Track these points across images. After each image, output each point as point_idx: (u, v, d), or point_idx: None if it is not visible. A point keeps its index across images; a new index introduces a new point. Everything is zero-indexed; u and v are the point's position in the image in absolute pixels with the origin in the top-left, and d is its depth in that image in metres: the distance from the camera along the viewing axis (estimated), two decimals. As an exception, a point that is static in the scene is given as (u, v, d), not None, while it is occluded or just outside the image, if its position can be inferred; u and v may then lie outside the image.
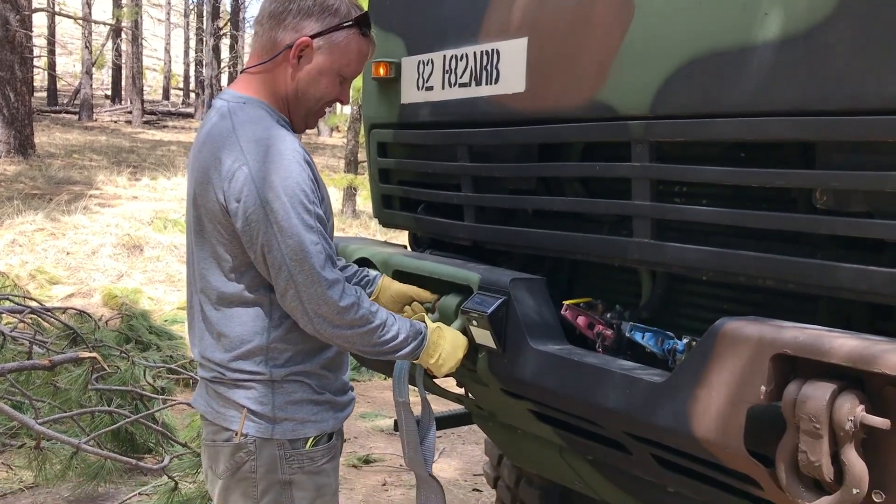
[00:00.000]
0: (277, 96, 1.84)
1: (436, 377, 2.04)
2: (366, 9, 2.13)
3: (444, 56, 2.23)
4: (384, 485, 4.40)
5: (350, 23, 1.82)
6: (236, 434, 1.81)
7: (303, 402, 1.83)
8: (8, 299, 4.68)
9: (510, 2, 2.03)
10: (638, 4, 1.73)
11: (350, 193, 13.31)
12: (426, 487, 2.14)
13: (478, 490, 4.34)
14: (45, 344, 4.23)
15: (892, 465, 1.28)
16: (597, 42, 1.81)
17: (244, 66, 1.89)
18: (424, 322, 1.95)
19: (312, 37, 1.79)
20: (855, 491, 1.28)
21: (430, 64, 2.28)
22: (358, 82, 2.46)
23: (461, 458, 4.89)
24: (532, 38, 1.97)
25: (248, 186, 1.68)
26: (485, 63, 2.09)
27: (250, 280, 1.78)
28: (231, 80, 27.64)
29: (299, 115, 1.87)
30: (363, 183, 12.27)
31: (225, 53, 28.80)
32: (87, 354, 3.30)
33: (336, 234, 2.19)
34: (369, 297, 2.12)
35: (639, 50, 1.73)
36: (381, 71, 2.44)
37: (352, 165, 13.30)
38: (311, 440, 1.84)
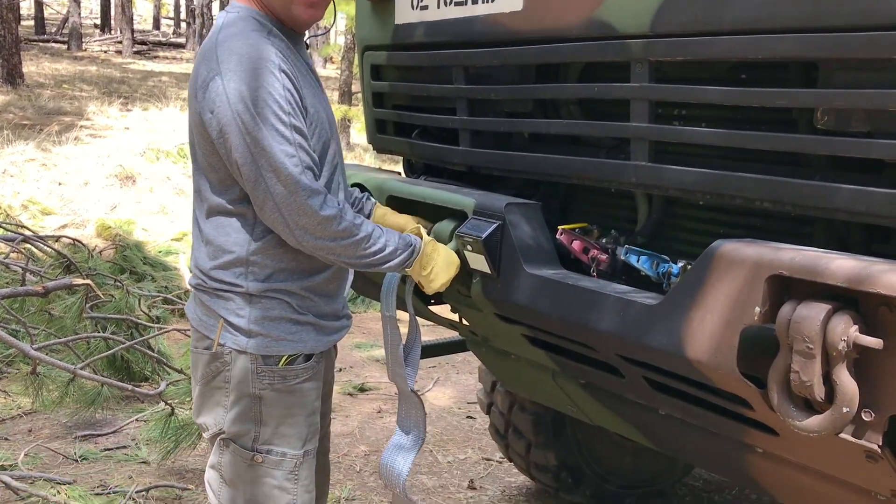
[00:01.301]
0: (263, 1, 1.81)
1: (426, 293, 2.02)
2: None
3: (440, -26, 2.16)
4: (379, 412, 4.47)
5: None
6: (214, 343, 1.83)
7: (280, 320, 1.83)
8: (1, 227, 4.65)
9: (508, -84, 1.96)
10: (640, -83, 1.67)
11: (344, 125, 13.15)
12: (407, 403, 2.16)
13: (471, 417, 4.40)
14: (38, 272, 4.22)
15: (882, 384, 1.29)
16: (597, -43, 1.76)
17: None
18: (421, 233, 1.95)
19: None
20: (845, 410, 1.29)
21: (425, -18, 2.21)
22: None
23: (455, 386, 4.95)
24: (530, -46, 1.91)
25: (220, 98, 1.68)
26: (481, -20, 2.03)
27: (237, 192, 1.78)
28: (222, 8, 27.03)
29: (283, 10, 1.80)
30: (357, 115, 12.13)
31: (216, -19, 28.07)
32: (81, 281, 3.29)
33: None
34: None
35: (640, -35, 1.67)
36: (375, -10, 2.37)
37: (346, 97, 13.13)
38: (284, 358, 1.84)
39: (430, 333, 3.07)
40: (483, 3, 2.03)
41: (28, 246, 4.81)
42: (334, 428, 3.72)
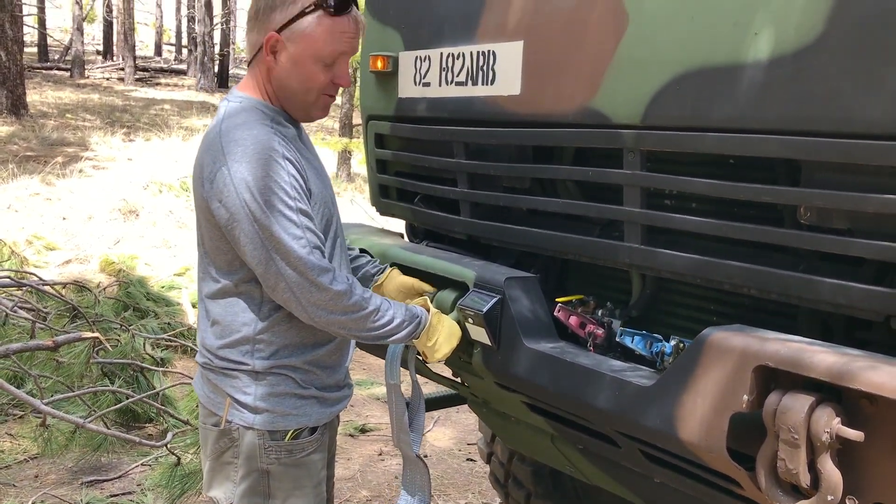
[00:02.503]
0: (269, 93, 1.89)
1: (428, 362, 2.10)
2: None
3: (441, 53, 2.25)
4: (380, 454, 4.51)
5: (311, 7, 1.81)
6: (222, 420, 1.89)
7: (285, 396, 1.89)
8: (8, 278, 4.73)
9: (507, 4, 2.05)
10: (632, 16, 1.75)
11: (345, 157, 13.27)
12: (412, 468, 2.22)
13: (472, 460, 4.45)
14: (46, 317, 4.29)
15: (865, 473, 1.36)
16: (591, 50, 1.84)
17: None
18: (427, 306, 2.02)
19: (279, 31, 1.82)
20: (830, 497, 1.35)
21: (427, 60, 2.30)
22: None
23: (456, 426, 4.99)
24: (528, 42, 1.99)
25: (228, 188, 1.74)
26: (481, 63, 2.12)
27: (244, 273, 1.84)
28: (224, 36, 27.28)
29: (294, 108, 1.91)
30: (358, 146, 12.23)
31: (218, 9, 28.34)
32: (89, 335, 3.37)
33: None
34: (376, 283, 2.20)
35: (632, 60, 1.76)
36: (379, 64, 2.46)
37: (346, 129, 13.24)
38: (290, 433, 1.90)
39: (431, 387, 3.13)
40: (483, 84, 2.12)
41: (35, 289, 4.88)
42: (335, 472, 3.78)
